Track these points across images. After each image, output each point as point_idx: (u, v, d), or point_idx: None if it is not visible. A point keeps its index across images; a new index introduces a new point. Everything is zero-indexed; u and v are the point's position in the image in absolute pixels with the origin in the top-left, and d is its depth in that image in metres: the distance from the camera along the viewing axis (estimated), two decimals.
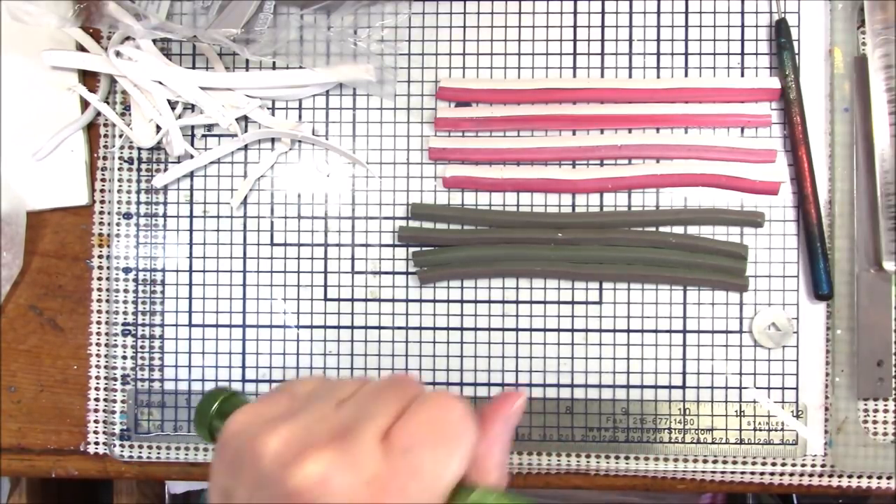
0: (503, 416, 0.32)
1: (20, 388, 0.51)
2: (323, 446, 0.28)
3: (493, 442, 0.31)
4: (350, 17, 0.49)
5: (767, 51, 0.49)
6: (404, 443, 0.28)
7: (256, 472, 0.29)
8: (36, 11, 0.45)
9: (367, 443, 0.28)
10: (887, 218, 0.47)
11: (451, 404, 0.30)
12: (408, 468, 0.28)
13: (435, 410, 0.29)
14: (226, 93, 0.49)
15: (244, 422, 0.30)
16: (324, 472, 0.27)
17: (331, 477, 0.27)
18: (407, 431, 0.29)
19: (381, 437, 0.28)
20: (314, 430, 0.29)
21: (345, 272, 0.50)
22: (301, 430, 0.29)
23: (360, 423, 0.29)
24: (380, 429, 0.29)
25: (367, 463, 0.27)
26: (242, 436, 0.30)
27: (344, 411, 0.30)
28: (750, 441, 0.48)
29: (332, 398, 0.31)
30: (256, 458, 0.29)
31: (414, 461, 0.28)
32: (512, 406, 0.33)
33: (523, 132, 0.49)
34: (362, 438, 0.28)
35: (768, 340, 0.48)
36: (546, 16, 0.49)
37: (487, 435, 0.31)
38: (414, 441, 0.28)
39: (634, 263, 0.48)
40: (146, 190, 0.50)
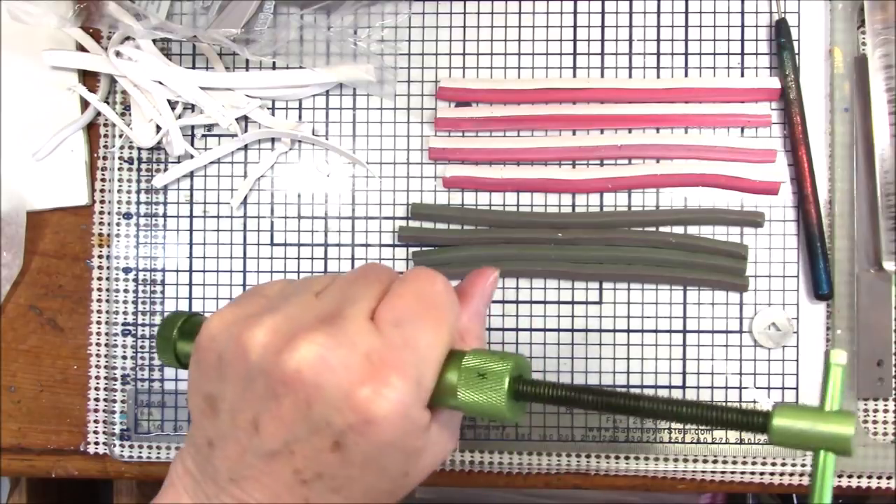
0: (480, 291, 0.33)
1: (20, 388, 0.51)
2: (313, 329, 0.27)
3: (474, 316, 0.32)
4: (350, 17, 0.49)
5: (767, 51, 0.49)
6: (394, 317, 0.28)
7: (244, 367, 0.28)
8: (36, 11, 0.45)
9: (356, 321, 0.28)
10: (887, 218, 0.47)
11: (433, 278, 0.30)
12: (402, 340, 0.28)
13: (418, 285, 0.30)
14: (226, 93, 0.49)
15: (222, 322, 0.29)
16: (319, 352, 0.27)
17: (327, 355, 0.27)
18: (395, 307, 0.29)
19: (370, 316, 0.28)
20: (299, 318, 0.28)
21: (345, 272, 0.49)
22: (286, 320, 0.28)
23: (346, 306, 0.29)
24: (366, 309, 0.29)
25: (361, 339, 0.27)
26: (223, 335, 0.29)
27: (326, 299, 0.30)
28: (750, 441, 0.48)
29: (308, 291, 0.30)
30: (243, 353, 0.28)
31: (406, 332, 0.28)
32: (487, 280, 0.34)
33: (523, 132, 0.49)
34: (351, 318, 0.28)
35: (768, 340, 0.48)
36: (546, 16, 0.49)
37: (469, 308, 0.32)
38: (403, 314, 0.29)
39: (634, 263, 0.48)
40: (146, 190, 0.50)
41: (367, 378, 0.27)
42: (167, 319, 0.35)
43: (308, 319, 0.28)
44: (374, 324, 0.28)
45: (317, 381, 0.27)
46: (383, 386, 0.27)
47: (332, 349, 0.27)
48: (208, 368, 0.29)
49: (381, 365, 0.27)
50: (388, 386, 0.27)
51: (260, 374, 0.28)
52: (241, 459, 0.28)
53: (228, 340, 0.29)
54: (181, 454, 0.31)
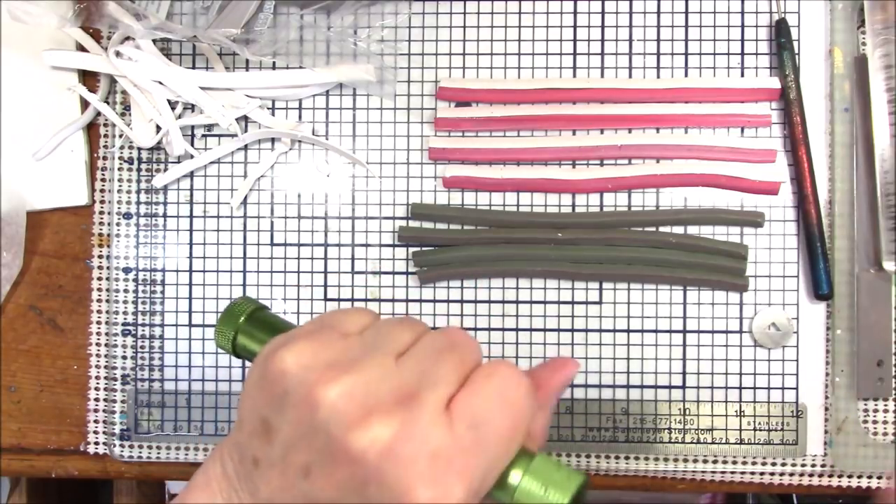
0: (558, 387, 0.32)
1: (20, 388, 0.51)
2: (387, 411, 0.27)
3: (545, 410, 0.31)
4: (350, 17, 0.49)
5: (767, 51, 0.49)
6: (470, 417, 0.28)
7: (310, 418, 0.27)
8: (36, 11, 0.45)
9: (431, 412, 0.27)
10: (887, 218, 0.47)
11: (518, 379, 0.29)
12: (472, 444, 0.27)
13: (501, 385, 0.29)
14: (226, 93, 0.49)
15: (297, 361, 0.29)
16: (389, 440, 0.26)
17: (396, 445, 0.26)
18: (473, 405, 0.28)
19: (446, 405, 0.28)
20: (375, 388, 0.28)
21: (345, 272, 0.50)
22: (363, 386, 0.28)
23: (424, 387, 0.28)
24: (444, 396, 0.28)
25: (432, 435, 0.27)
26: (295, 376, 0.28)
27: (405, 370, 0.29)
28: (750, 441, 0.48)
29: (390, 348, 0.29)
30: (312, 406, 0.27)
31: (479, 437, 0.27)
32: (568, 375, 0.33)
33: (523, 132, 0.49)
34: (427, 407, 0.27)
35: (768, 340, 0.48)
36: (546, 16, 0.49)
37: (543, 406, 0.31)
38: (480, 416, 0.28)
39: (634, 263, 0.48)
40: (146, 190, 0.50)
41: (428, 480, 0.26)
42: (233, 306, 0.34)
43: (384, 393, 0.28)
44: (450, 416, 0.28)
45: (380, 466, 0.26)
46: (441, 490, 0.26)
47: (401, 440, 0.26)
48: (271, 397, 0.29)
49: (446, 468, 0.26)
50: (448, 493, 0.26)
51: (324, 434, 0.27)
52: (283, 492, 0.28)
53: (300, 385, 0.28)
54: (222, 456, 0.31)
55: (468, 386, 0.28)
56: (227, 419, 0.49)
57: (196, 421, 0.50)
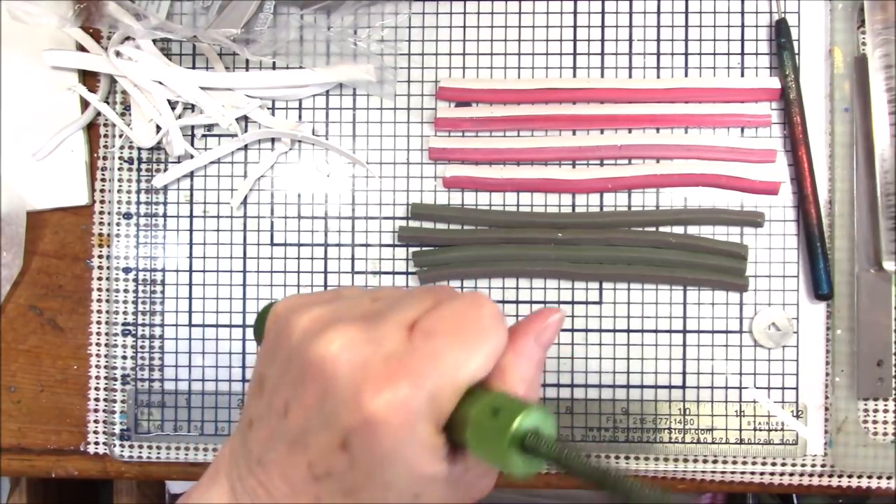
0: (534, 330, 0.31)
1: (20, 388, 0.51)
2: (347, 323, 0.28)
3: (521, 353, 0.30)
4: (350, 17, 0.49)
5: (767, 51, 0.49)
6: (427, 328, 0.28)
7: (287, 349, 0.29)
8: (36, 11, 0.45)
9: (391, 325, 0.28)
10: (887, 218, 0.47)
11: (482, 302, 0.29)
12: (427, 351, 0.27)
13: (465, 304, 0.29)
14: (226, 93, 0.49)
15: (285, 304, 0.30)
16: (343, 343, 0.27)
17: (350, 348, 0.27)
18: (432, 319, 0.28)
19: (409, 326, 0.28)
20: (344, 312, 0.29)
21: (345, 272, 0.50)
22: (331, 312, 0.29)
23: (390, 310, 0.29)
24: (407, 318, 0.28)
25: (387, 341, 0.27)
26: (281, 318, 0.30)
27: (377, 303, 0.30)
28: (750, 441, 0.48)
29: (368, 294, 0.31)
30: (288, 334, 0.29)
31: (434, 345, 0.27)
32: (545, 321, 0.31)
33: (523, 132, 0.49)
34: (388, 321, 0.28)
35: (768, 340, 0.48)
36: (546, 16, 0.49)
37: (516, 346, 0.30)
38: (437, 328, 0.28)
39: (634, 263, 0.48)
40: (146, 190, 0.50)
41: (378, 378, 0.26)
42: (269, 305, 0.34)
43: (351, 315, 0.29)
44: (411, 330, 0.28)
45: (334, 371, 0.27)
46: (389, 387, 0.26)
47: (357, 343, 0.27)
48: (266, 348, 0.30)
49: (396, 368, 0.27)
50: (394, 389, 0.26)
51: (296, 357, 0.28)
52: (268, 443, 0.29)
53: (282, 322, 0.29)
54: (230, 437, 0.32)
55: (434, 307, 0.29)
56: (227, 419, 0.49)
57: (196, 421, 0.50)
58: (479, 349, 0.28)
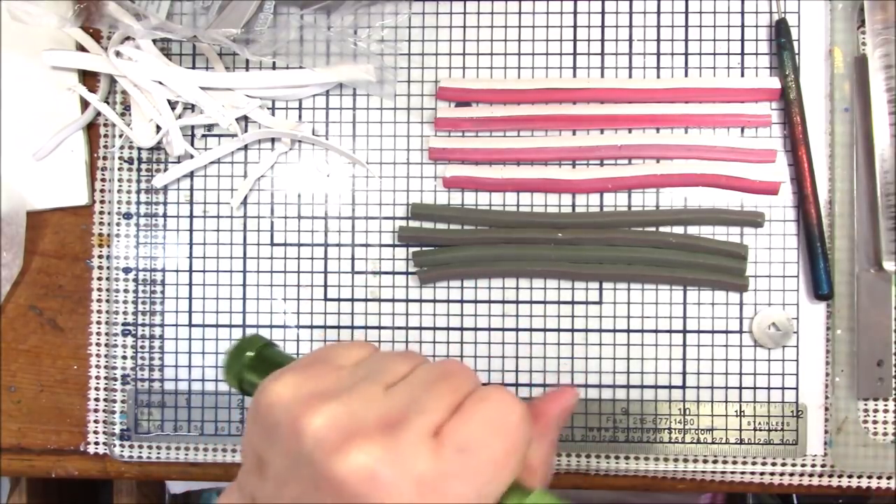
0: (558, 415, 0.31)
1: (20, 388, 0.51)
2: (371, 436, 0.26)
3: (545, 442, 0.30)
4: (350, 17, 0.49)
5: (767, 51, 0.49)
6: (459, 442, 0.26)
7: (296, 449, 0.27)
8: (36, 11, 0.45)
9: (417, 437, 0.26)
10: (887, 218, 0.47)
11: (512, 403, 0.28)
12: (460, 469, 0.26)
13: (493, 410, 0.27)
14: (226, 93, 0.49)
15: (283, 395, 0.28)
16: (372, 465, 0.25)
17: (378, 471, 0.25)
18: (462, 430, 0.27)
19: (433, 433, 0.27)
20: (361, 415, 0.27)
21: (345, 272, 0.50)
22: (347, 414, 0.27)
23: (412, 413, 0.27)
24: (432, 423, 0.27)
25: (417, 460, 0.26)
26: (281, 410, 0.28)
27: (394, 398, 0.28)
28: (750, 441, 0.48)
29: (380, 378, 0.29)
30: (297, 436, 0.27)
31: (468, 463, 0.26)
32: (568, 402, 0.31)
33: (523, 132, 0.49)
34: (413, 432, 0.26)
35: (768, 340, 0.48)
36: (546, 16, 0.49)
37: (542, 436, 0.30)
38: (469, 441, 0.26)
39: (634, 263, 0.48)
40: (146, 190, 0.50)
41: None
42: (240, 344, 0.33)
43: (370, 419, 0.27)
44: (438, 442, 0.26)
45: (362, 493, 0.25)
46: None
47: (384, 465, 0.25)
48: (263, 431, 0.29)
49: (429, 494, 0.25)
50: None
51: (309, 464, 0.26)
52: None
53: (286, 415, 0.27)
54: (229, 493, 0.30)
55: (459, 412, 0.27)
56: (226, 419, 0.49)
57: (196, 421, 0.50)
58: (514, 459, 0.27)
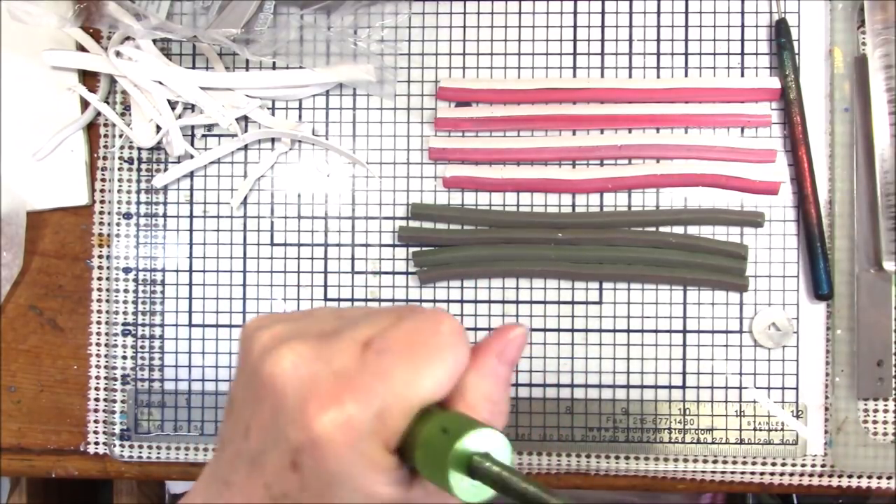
0: (496, 347, 0.29)
1: (20, 388, 0.51)
2: (300, 340, 0.27)
3: (483, 373, 0.29)
4: (350, 17, 0.49)
5: (767, 51, 0.49)
6: (380, 346, 0.27)
7: (247, 367, 0.28)
8: (36, 11, 0.45)
9: (345, 342, 0.27)
10: (887, 218, 0.47)
11: (440, 318, 0.28)
12: (378, 368, 0.26)
13: (422, 320, 0.28)
14: (226, 93, 0.49)
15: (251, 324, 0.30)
16: (293, 360, 0.26)
17: (299, 365, 0.26)
18: (386, 336, 0.27)
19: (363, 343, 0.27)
20: (303, 330, 0.28)
21: (345, 272, 0.50)
22: (290, 329, 0.28)
23: (348, 327, 0.28)
24: (363, 335, 0.28)
25: (339, 358, 0.27)
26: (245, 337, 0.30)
27: (339, 320, 0.29)
28: (750, 441, 0.48)
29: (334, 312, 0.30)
30: (248, 352, 0.29)
31: (385, 362, 0.26)
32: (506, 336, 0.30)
33: (523, 132, 0.49)
34: (342, 338, 0.27)
35: (768, 340, 0.48)
36: (546, 16, 0.49)
37: (477, 365, 0.29)
38: (390, 345, 0.27)
39: (634, 263, 0.48)
40: (146, 190, 0.50)
41: (324, 396, 0.25)
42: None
43: (309, 332, 0.28)
44: (364, 347, 0.27)
45: (283, 388, 0.26)
46: (335, 405, 0.25)
47: (307, 360, 0.26)
48: (237, 369, 0.30)
49: (343, 386, 0.26)
50: (339, 407, 0.25)
51: (253, 375, 0.28)
52: (233, 463, 0.28)
53: (246, 339, 0.29)
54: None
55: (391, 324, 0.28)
56: None
57: (196, 421, 0.50)
58: (433, 367, 0.27)
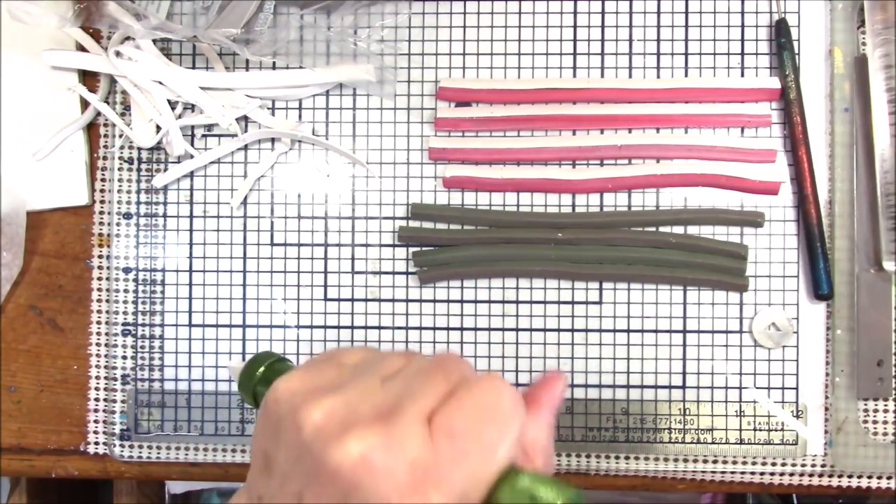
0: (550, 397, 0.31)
1: (20, 388, 0.51)
2: (366, 424, 0.27)
3: (539, 426, 0.30)
4: (350, 17, 0.49)
5: (767, 51, 0.49)
6: (450, 427, 0.27)
7: (297, 442, 0.28)
8: (36, 11, 0.45)
9: (411, 423, 0.27)
10: (887, 218, 0.47)
11: (502, 388, 0.28)
12: (453, 453, 0.26)
13: (484, 394, 0.28)
14: (226, 93, 0.49)
15: (288, 390, 0.29)
16: (365, 452, 0.26)
17: (372, 457, 0.26)
18: (454, 415, 0.27)
19: (427, 419, 0.27)
20: (357, 405, 0.28)
21: (345, 272, 0.50)
22: (344, 405, 0.28)
23: (405, 401, 0.28)
24: (425, 409, 0.28)
25: (411, 445, 0.26)
26: (285, 405, 0.29)
27: (389, 389, 0.29)
28: (750, 441, 0.48)
29: (377, 372, 0.30)
30: (298, 428, 0.28)
31: (460, 446, 0.27)
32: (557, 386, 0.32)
33: (523, 132, 0.49)
34: (406, 418, 0.27)
35: (768, 340, 0.48)
36: (546, 16, 0.49)
37: (536, 419, 0.30)
38: (461, 425, 0.27)
39: (634, 263, 0.48)
40: (146, 190, 0.50)
41: (405, 490, 0.26)
42: (253, 360, 0.34)
43: (365, 409, 0.28)
44: (431, 427, 0.27)
45: (357, 480, 0.26)
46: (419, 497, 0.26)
47: (378, 451, 0.26)
48: (269, 428, 0.30)
49: (423, 478, 0.26)
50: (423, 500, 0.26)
51: (308, 454, 0.27)
52: None
53: (288, 409, 0.29)
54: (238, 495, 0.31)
55: (450, 398, 0.28)
56: (226, 419, 0.49)
57: (196, 421, 0.50)
58: (504, 441, 0.27)
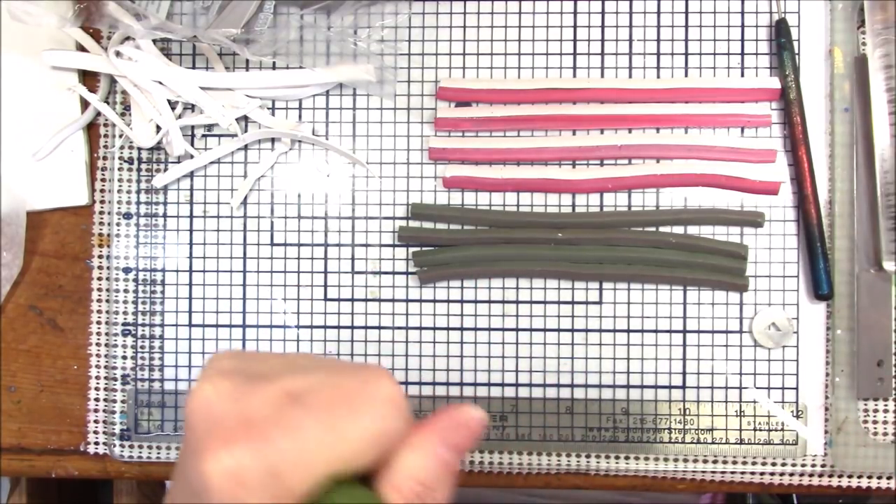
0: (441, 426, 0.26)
1: (20, 388, 0.51)
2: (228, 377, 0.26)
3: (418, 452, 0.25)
4: (350, 17, 0.49)
5: (767, 51, 0.49)
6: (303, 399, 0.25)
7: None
8: (36, 11, 0.45)
9: (271, 387, 0.25)
10: (887, 218, 0.47)
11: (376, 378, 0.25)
12: (288, 420, 0.24)
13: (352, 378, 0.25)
14: (226, 93, 0.49)
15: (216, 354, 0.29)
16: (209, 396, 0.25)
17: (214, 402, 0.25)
18: (314, 389, 0.25)
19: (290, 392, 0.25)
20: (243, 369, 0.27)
21: (345, 272, 0.50)
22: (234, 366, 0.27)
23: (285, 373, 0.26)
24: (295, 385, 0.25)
25: (255, 401, 0.24)
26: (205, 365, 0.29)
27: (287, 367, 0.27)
28: (750, 441, 0.48)
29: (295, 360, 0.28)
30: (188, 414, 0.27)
31: (298, 414, 0.24)
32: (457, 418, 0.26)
33: (523, 132, 0.49)
34: (270, 383, 0.25)
35: (768, 340, 0.48)
36: (546, 16, 0.49)
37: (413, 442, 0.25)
38: (313, 399, 0.24)
39: (634, 263, 0.48)
40: (146, 190, 0.50)
41: (221, 437, 0.23)
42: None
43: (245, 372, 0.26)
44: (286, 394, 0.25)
45: (195, 424, 0.25)
46: (224, 449, 0.23)
47: (222, 398, 0.25)
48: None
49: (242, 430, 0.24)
50: (228, 451, 0.23)
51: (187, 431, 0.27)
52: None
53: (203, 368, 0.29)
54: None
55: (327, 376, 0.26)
56: None
57: None
58: (350, 429, 0.24)
